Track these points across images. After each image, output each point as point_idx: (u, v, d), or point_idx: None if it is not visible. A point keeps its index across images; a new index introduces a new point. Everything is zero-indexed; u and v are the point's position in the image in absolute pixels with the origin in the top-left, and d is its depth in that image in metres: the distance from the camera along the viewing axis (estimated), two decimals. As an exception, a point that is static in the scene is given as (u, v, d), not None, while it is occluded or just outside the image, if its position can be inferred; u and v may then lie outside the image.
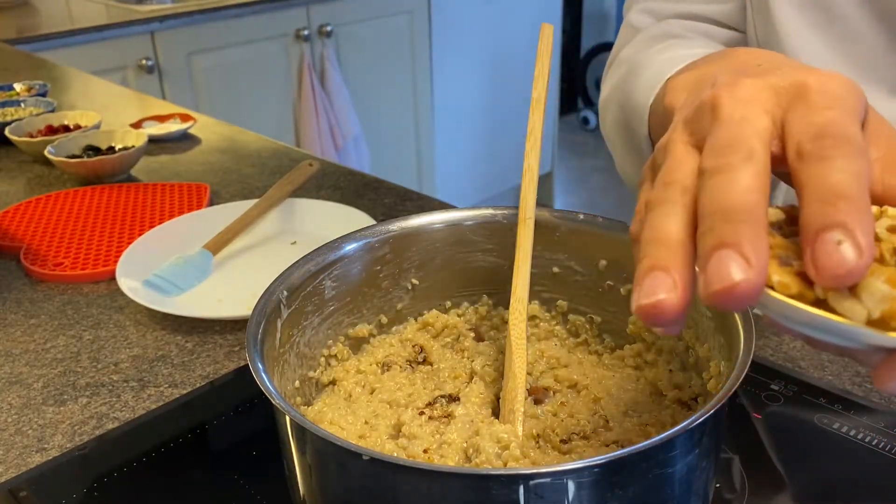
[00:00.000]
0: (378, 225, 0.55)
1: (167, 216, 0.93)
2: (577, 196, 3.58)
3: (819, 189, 0.29)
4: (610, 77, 0.76)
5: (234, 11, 2.23)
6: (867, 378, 0.60)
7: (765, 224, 0.29)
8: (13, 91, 1.40)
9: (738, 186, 0.29)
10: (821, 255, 0.28)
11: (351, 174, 1.07)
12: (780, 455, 0.53)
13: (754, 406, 0.57)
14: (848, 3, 0.61)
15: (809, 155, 0.30)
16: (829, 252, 0.28)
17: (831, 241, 0.28)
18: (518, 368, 0.47)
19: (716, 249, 0.28)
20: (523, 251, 0.51)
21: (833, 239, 0.28)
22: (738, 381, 0.38)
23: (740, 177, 0.30)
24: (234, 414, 0.60)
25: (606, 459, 0.35)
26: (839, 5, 0.62)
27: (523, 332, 0.49)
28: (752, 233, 0.28)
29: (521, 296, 0.50)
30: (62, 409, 0.62)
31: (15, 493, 0.52)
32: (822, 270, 0.28)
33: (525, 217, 0.52)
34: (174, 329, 0.72)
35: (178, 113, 1.30)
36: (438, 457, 0.43)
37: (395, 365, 0.54)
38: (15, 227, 0.92)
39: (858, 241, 0.27)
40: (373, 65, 2.62)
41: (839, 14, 0.62)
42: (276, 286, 0.49)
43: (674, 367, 0.51)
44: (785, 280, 0.29)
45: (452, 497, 0.36)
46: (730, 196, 0.29)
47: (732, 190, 0.29)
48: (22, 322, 0.74)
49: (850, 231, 0.28)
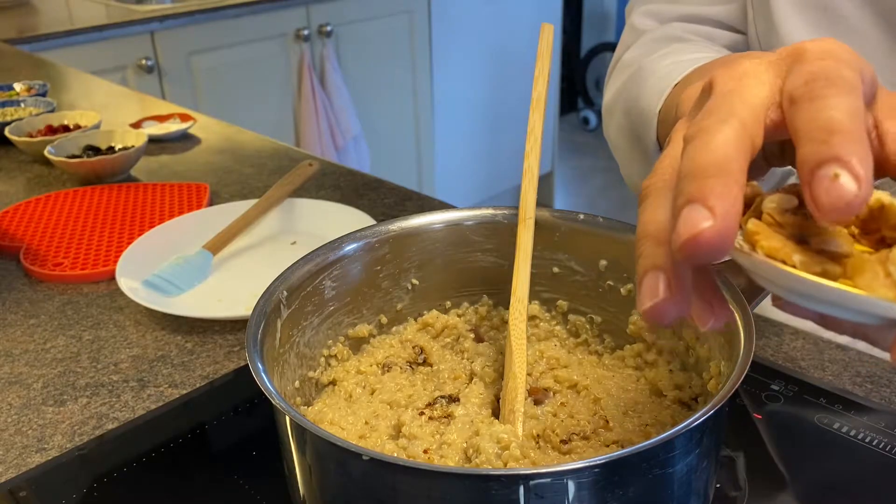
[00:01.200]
0: (378, 225, 0.55)
1: (167, 216, 0.93)
2: (577, 196, 3.58)
3: (812, 128, 0.28)
4: (613, 80, 0.76)
5: (233, 11, 2.23)
6: (867, 378, 0.60)
7: (736, 177, 0.28)
8: (13, 91, 1.40)
9: (711, 146, 0.29)
10: (819, 192, 0.27)
11: (351, 174, 1.07)
12: (781, 455, 0.53)
13: (754, 406, 0.57)
14: (848, 4, 0.62)
15: (801, 98, 0.30)
16: (826, 188, 0.27)
17: (827, 176, 0.27)
18: (518, 368, 0.47)
19: (683, 207, 0.28)
20: (523, 251, 0.51)
21: (829, 173, 0.27)
22: (738, 381, 0.38)
23: (714, 137, 0.29)
24: (234, 414, 0.60)
25: (606, 459, 0.35)
26: (840, 6, 0.62)
27: (523, 333, 0.49)
28: (719, 185, 0.28)
29: (522, 296, 0.50)
30: (62, 410, 0.62)
31: (15, 493, 0.52)
32: (822, 207, 0.27)
33: (525, 217, 0.52)
34: (174, 329, 0.72)
35: (178, 113, 1.30)
36: (438, 457, 0.43)
37: (395, 366, 0.54)
38: (15, 227, 0.92)
39: (856, 171, 0.27)
40: (373, 65, 2.62)
41: (840, 15, 0.62)
42: (276, 286, 0.49)
43: (674, 368, 0.51)
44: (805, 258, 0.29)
45: (452, 497, 0.36)
46: (702, 156, 0.29)
47: (705, 150, 0.29)
48: (22, 322, 0.74)
49: (845, 163, 0.27)
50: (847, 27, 0.62)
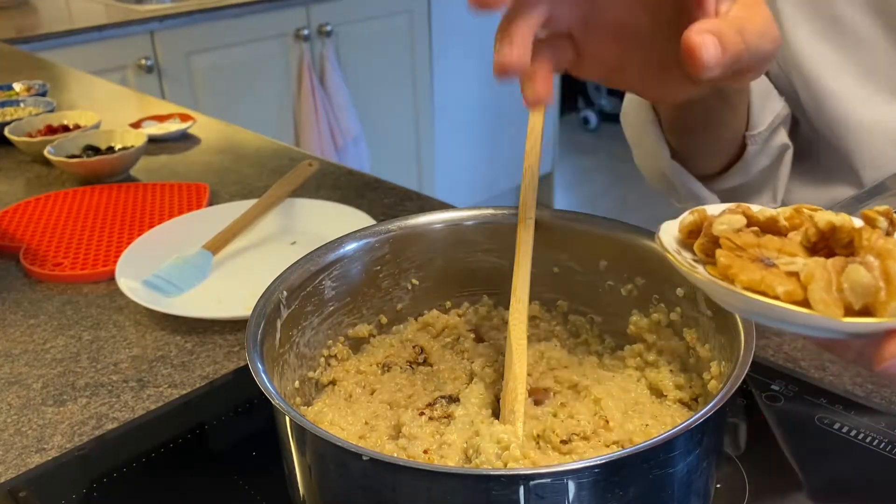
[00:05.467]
0: (378, 225, 0.55)
1: (167, 216, 0.93)
2: (577, 196, 3.58)
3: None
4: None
5: (233, 11, 2.23)
6: (868, 378, 0.60)
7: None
8: (13, 91, 1.40)
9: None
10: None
11: (351, 174, 1.07)
12: (781, 455, 0.53)
13: (754, 406, 0.57)
14: (856, 14, 0.62)
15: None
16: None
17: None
18: (518, 369, 0.47)
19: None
20: (524, 251, 0.51)
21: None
22: (738, 382, 0.38)
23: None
24: (234, 414, 0.60)
25: (607, 460, 0.35)
26: (847, 15, 0.62)
27: (524, 333, 0.49)
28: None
29: (522, 296, 0.50)
30: (62, 410, 0.62)
31: (14, 494, 0.52)
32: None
33: (525, 217, 0.52)
34: (174, 329, 0.72)
35: (178, 113, 1.30)
36: (439, 457, 0.43)
37: (395, 366, 0.54)
38: (14, 227, 0.92)
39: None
40: (373, 65, 2.62)
41: (847, 24, 0.63)
42: (275, 286, 0.49)
43: (674, 368, 0.51)
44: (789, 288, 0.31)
45: (452, 497, 0.36)
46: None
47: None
48: (21, 322, 0.74)
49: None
50: (855, 36, 0.63)
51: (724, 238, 0.34)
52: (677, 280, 0.50)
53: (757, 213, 0.36)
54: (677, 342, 0.51)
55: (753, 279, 0.32)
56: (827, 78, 0.64)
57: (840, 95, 0.64)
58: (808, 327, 0.32)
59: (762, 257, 0.33)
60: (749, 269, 0.32)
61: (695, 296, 0.49)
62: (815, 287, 0.31)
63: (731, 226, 0.35)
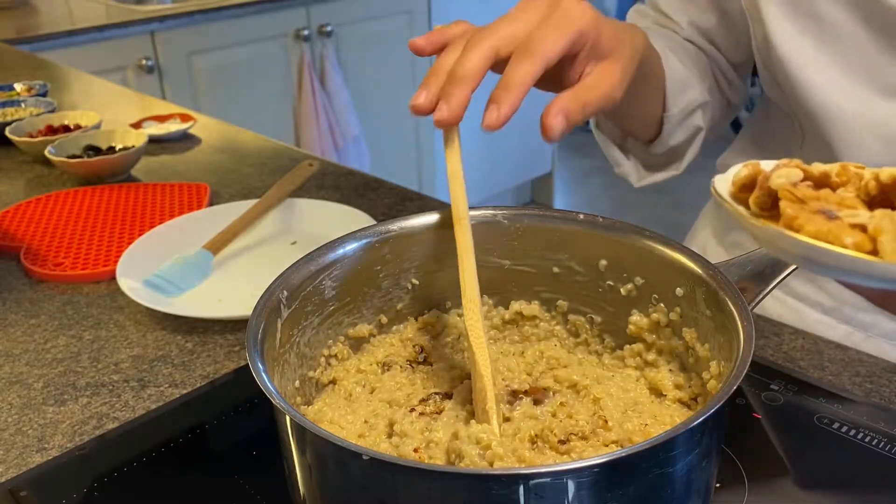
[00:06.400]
0: (378, 225, 0.55)
1: (167, 216, 0.93)
2: (577, 196, 3.58)
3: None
4: None
5: (234, 11, 2.23)
6: (867, 378, 0.60)
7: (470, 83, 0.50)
8: (13, 91, 1.40)
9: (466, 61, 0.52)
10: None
11: (351, 174, 1.07)
12: (780, 455, 0.53)
13: (754, 406, 0.57)
14: (837, 10, 0.63)
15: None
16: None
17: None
18: (483, 367, 0.47)
19: (441, 97, 0.52)
20: (465, 252, 0.51)
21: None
22: (738, 381, 0.38)
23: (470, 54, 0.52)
24: (234, 414, 0.60)
25: (606, 459, 0.35)
26: (828, 12, 0.64)
27: (481, 331, 0.48)
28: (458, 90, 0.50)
29: (472, 296, 0.49)
30: (62, 409, 0.62)
31: (15, 493, 0.52)
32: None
33: (459, 217, 0.52)
34: (174, 329, 0.72)
35: (178, 113, 1.30)
36: (427, 456, 0.43)
37: (395, 365, 0.54)
38: (15, 228, 0.92)
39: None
40: (373, 65, 2.62)
41: (829, 20, 0.64)
42: (276, 286, 0.49)
43: (674, 368, 0.51)
44: (857, 239, 0.32)
45: (452, 497, 0.36)
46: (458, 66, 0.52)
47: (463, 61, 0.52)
48: (22, 322, 0.74)
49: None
50: (836, 32, 0.64)
51: (785, 190, 0.35)
52: (677, 280, 0.50)
53: (811, 168, 0.36)
54: (677, 342, 0.51)
55: (821, 230, 0.32)
56: (810, 72, 0.66)
57: (823, 89, 0.66)
58: (875, 277, 0.32)
59: (824, 209, 0.33)
60: (815, 221, 0.33)
61: (694, 295, 0.49)
62: (886, 238, 0.31)
63: (788, 179, 0.35)
